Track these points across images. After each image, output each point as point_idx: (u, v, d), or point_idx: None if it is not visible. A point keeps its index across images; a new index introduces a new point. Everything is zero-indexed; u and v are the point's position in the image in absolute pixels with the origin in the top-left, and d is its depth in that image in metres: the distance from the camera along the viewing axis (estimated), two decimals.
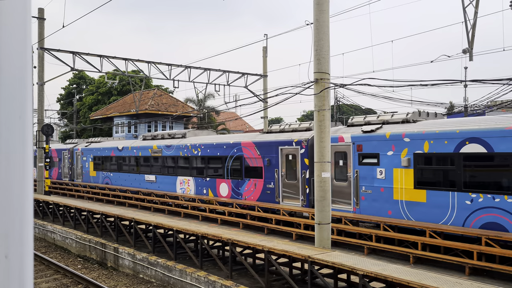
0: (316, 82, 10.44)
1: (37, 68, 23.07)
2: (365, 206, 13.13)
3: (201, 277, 10.29)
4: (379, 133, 12.87)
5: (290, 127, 16.72)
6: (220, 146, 18.24)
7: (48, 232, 18.54)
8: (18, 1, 0.87)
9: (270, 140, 16.28)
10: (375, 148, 12.92)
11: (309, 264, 8.55)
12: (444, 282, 6.91)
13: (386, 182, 12.64)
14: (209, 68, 25.50)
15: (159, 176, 22.01)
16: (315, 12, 10.39)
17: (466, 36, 11.14)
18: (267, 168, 16.22)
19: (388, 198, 12.55)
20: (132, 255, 12.93)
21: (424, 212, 11.77)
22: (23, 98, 0.88)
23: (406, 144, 12.15)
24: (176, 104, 40.85)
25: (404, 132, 12.27)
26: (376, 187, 12.89)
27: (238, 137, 18.68)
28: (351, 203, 13.48)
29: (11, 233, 0.85)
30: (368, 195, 13.06)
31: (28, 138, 0.90)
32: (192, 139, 20.57)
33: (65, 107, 52.46)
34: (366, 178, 13.09)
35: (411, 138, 12.05)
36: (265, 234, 13.84)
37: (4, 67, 0.85)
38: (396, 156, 12.41)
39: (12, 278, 0.85)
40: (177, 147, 20.75)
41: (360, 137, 13.29)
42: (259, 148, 16.55)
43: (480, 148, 10.66)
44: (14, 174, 0.86)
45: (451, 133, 11.25)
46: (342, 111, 41.89)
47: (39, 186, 23.83)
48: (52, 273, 13.46)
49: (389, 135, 12.61)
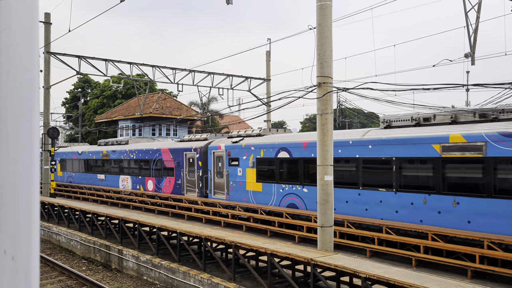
0: (319, 86, 10.54)
1: (43, 72, 23.32)
2: (232, 195, 18.10)
3: (205, 279, 10.37)
4: (240, 144, 17.85)
5: (194, 137, 21.66)
6: (148, 152, 23.12)
7: (53, 234, 18.69)
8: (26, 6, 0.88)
9: (179, 147, 21.05)
10: (237, 154, 17.88)
11: (311, 266, 8.60)
12: (447, 285, 6.94)
13: (243, 178, 17.65)
14: (213, 72, 25.67)
15: (107, 175, 26.97)
16: (318, 17, 10.50)
17: (468, 41, 11.20)
18: (177, 168, 21.07)
19: (243, 189, 17.61)
20: (136, 257, 13.03)
21: (261, 198, 16.85)
22: (31, 101, 0.89)
23: (252, 151, 17.24)
24: (180, 107, 41.05)
25: (252, 143, 17.33)
26: (237, 182, 17.90)
27: (159, 144, 23.12)
28: (225, 193, 18.48)
29: (18, 234, 0.86)
30: (233, 187, 18.06)
31: (35, 141, 0.90)
32: (132, 145, 25.29)
33: (70, 111, 52.82)
34: (232, 175, 18.07)
35: (255, 147, 17.16)
36: (268, 237, 13.91)
37: (13, 71, 0.86)
38: (247, 160, 17.40)
39: (19, 279, 0.86)
40: (119, 152, 25.76)
41: (229, 146, 18.32)
42: (172, 153, 21.34)
43: (286, 154, 15.96)
44: (21, 176, 0.87)
45: (273, 144, 16.44)
46: (344, 115, 41.90)
47: (44, 189, 24.03)
48: (57, 275, 13.58)
49: (244, 145, 17.62)
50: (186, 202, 19.47)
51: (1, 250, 0.84)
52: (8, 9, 0.85)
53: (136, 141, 26.84)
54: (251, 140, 17.49)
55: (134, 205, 22.16)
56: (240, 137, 18.36)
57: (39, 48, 0.96)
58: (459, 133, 11.15)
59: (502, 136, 10.34)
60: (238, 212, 16.73)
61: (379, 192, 12.88)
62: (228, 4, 15.35)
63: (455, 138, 11.16)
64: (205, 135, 21.13)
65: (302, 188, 15.23)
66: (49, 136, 23.32)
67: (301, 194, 15.27)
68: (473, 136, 10.78)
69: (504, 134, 10.31)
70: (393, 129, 13.36)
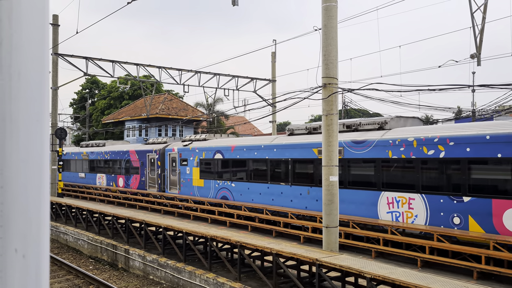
0: (324, 86, 10.57)
1: (51, 73, 23.56)
2: (183, 190, 21.63)
3: (210, 279, 10.44)
4: (188, 147, 21.34)
5: (157, 140, 25.06)
6: (119, 153, 26.58)
7: (61, 234, 18.87)
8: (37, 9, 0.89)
9: (143, 149, 24.49)
10: (187, 155, 21.36)
11: (316, 267, 8.64)
12: (452, 286, 6.94)
13: (190, 176, 21.11)
14: (219, 73, 25.79)
15: (87, 173, 30.53)
16: (323, 18, 10.54)
17: (474, 41, 11.18)
18: (141, 167, 24.52)
19: (191, 185, 21.10)
20: (143, 257, 13.13)
21: (203, 192, 20.22)
22: (41, 102, 0.89)
23: (197, 153, 20.66)
24: (186, 108, 41.21)
25: (197, 147, 20.73)
26: (186, 179, 21.38)
27: (129, 146, 26.78)
28: (177, 188, 22.00)
29: (29, 233, 0.87)
30: (184, 183, 21.58)
31: (45, 141, 0.91)
32: (107, 147, 28.70)
33: (78, 111, 53.22)
34: (183, 173, 21.59)
35: (199, 150, 20.53)
36: (273, 237, 13.96)
37: (23, 72, 0.87)
38: (193, 160, 20.89)
39: (30, 276, 0.87)
40: (97, 153, 29.24)
41: (181, 149, 21.80)
42: (138, 154, 24.81)
43: (220, 155, 19.29)
44: (32, 176, 0.88)
45: (212, 147, 19.81)
46: (350, 116, 41.83)
47: (52, 189, 24.26)
48: (65, 274, 13.72)
49: (191, 148, 21.06)
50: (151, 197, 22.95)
51: (12, 248, 0.85)
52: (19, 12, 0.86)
53: (112, 143, 30.39)
54: (197, 144, 21.02)
55: (140, 205, 22.33)
56: (189, 141, 21.93)
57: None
58: None
59: (353, 143, 13.88)
60: (243, 212, 16.80)
61: (280, 185, 16.32)
62: (234, 5, 15.44)
63: None
64: (165, 139, 24.50)
65: (231, 183, 18.68)
66: (57, 137, 23.55)
67: (230, 188, 18.71)
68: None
69: (354, 141, 13.85)
70: (293, 136, 16.61)
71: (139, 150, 24.71)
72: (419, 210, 12.05)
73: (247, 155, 17.89)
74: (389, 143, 12.88)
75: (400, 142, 12.62)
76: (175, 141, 23.99)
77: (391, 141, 12.84)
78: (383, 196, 12.97)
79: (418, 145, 12.10)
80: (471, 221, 11.05)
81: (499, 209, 10.51)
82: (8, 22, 0.85)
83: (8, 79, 0.85)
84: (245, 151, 18.02)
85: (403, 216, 12.51)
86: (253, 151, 17.52)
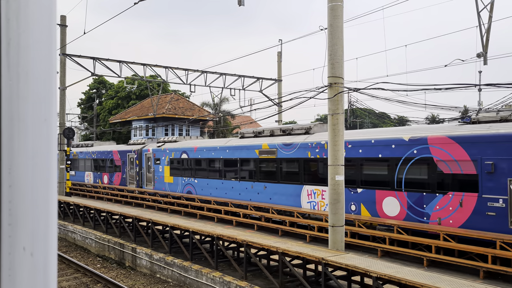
0: (330, 86, 10.57)
1: (59, 74, 23.76)
2: (156, 186, 24.32)
3: (217, 278, 10.49)
4: (161, 148, 24.07)
5: (137, 142, 28.18)
6: (104, 153, 29.40)
7: (69, 232, 19.05)
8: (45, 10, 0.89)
9: (124, 150, 27.36)
10: (160, 155, 24.12)
11: (322, 266, 8.65)
12: (459, 285, 6.92)
13: (162, 173, 23.82)
14: (225, 73, 25.85)
15: (76, 171, 32.97)
16: (329, 18, 10.54)
17: (481, 40, 11.10)
18: (123, 166, 27.20)
19: (163, 181, 23.76)
20: (150, 255, 13.23)
21: (173, 187, 22.93)
22: (49, 102, 0.90)
23: (167, 153, 23.41)
24: (192, 108, 41.35)
25: (168, 147, 23.53)
26: (159, 176, 24.11)
27: (112, 147, 29.52)
28: (152, 184, 24.66)
29: (37, 231, 0.87)
30: (157, 180, 24.28)
31: (53, 141, 0.91)
32: (95, 148, 31.44)
33: (85, 111, 53.61)
34: (157, 171, 24.31)
35: (169, 150, 23.30)
36: (279, 236, 13.98)
37: (32, 72, 0.87)
38: (165, 159, 23.59)
39: (38, 275, 0.87)
40: (85, 153, 31.95)
41: (155, 149, 24.62)
42: (120, 154, 27.56)
43: (186, 155, 21.92)
44: (40, 175, 0.88)
45: (179, 148, 22.60)
46: (356, 115, 41.69)
47: (60, 188, 24.48)
48: (73, 272, 13.86)
49: (163, 149, 23.78)
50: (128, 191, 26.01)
51: (20, 246, 0.86)
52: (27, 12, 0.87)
53: (99, 144, 33.19)
54: (168, 145, 23.68)
55: (147, 204, 22.48)
56: (162, 143, 24.80)
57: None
58: (266, 143, 17.36)
59: (283, 145, 16.54)
60: (249, 210, 16.84)
61: (231, 181, 19.03)
62: (240, 6, 15.47)
63: (264, 146, 17.41)
64: (144, 140, 27.78)
65: (194, 179, 21.39)
66: (65, 136, 23.76)
67: (194, 184, 21.47)
68: (272, 145, 17.08)
69: (284, 144, 16.49)
70: (244, 139, 19.21)
71: (121, 150, 27.54)
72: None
73: (206, 155, 20.63)
74: (308, 146, 15.60)
75: (316, 145, 15.36)
76: (152, 142, 26.86)
77: (309, 143, 15.57)
78: (304, 189, 15.76)
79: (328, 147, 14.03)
80: (362, 207, 13.76)
81: (380, 198, 13.30)
82: (16, 22, 0.86)
83: (16, 79, 0.86)
84: (205, 152, 20.67)
85: (318, 205, 15.31)
86: (211, 152, 20.28)
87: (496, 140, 10.44)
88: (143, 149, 25.66)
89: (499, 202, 10.47)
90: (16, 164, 0.85)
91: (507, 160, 10.35)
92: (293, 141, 16.25)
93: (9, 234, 0.85)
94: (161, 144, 24.44)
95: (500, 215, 10.39)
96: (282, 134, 17.36)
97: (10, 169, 0.85)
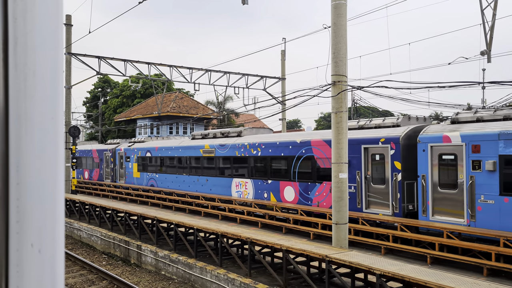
0: (333, 84, 10.60)
1: (65, 72, 23.92)
2: (127, 180, 27.54)
3: (221, 275, 10.57)
4: (131, 147, 27.39)
5: (113, 141, 31.39)
6: (84, 151, 33.05)
7: (74, 230, 19.22)
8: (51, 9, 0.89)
9: (102, 148, 30.80)
10: (130, 154, 27.46)
11: (326, 263, 8.69)
12: (462, 282, 6.94)
13: (131, 170, 27.21)
14: (229, 71, 25.90)
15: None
16: (332, 16, 10.55)
17: (484, 38, 11.06)
18: (100, 163, 30.74)
19: (132, 177, 27.11)
20: (155, 253, 13.33)
21: (140, 182, 26.22)
22: (55, 100, 0.90)
23: (135, 152, 26.82)
24: (196, 106, 41.46)
25: (136, 147, 26.84)
26: (129, 172, 27.44)
27: (92, 146, 33.23)
28: (124, 179, 27.97)
29: (44, 228, 0.88)
30: (127, 175, 27.64)
31: (60, 139, 0.92)
32: (78, 146, 33.04)
33: (90, 110, 53.89)
34: (127, 168, 27.66)
35: (137, 149, 26.67)
36: (283, 234, 14.03)
37: (38, 71, 0.87)
38: (133, 157, 27.03)
39: (45, 271, 0.88)
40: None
41: (126, 149, 27.84)
42: (98, 153, 31.11)
43: (149, 154, 25.35)
44: (47, 172, 0.88)
45: (144, 148, 25.94)
46: (359, 113, 41.59)
47: (66, 185, 24.69)
48: (78, 269, 14.00)
49: (132, 148, 27.17)
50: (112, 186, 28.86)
51: (28, 243, 0.86)
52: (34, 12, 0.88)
53: (82, 143, 37.57)
54: (137, 145, 27.13)
55: (152, 201, 22.61)
56: (133, 143, 28.26)
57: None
58: (208, 144, 20.75)
59: (220, 145, 19.95)
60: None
61: (183, 175, 22.64)
62: (243, 4, 15.50)
63: (206, 146, 20.80)
64: (118, 140, 31.07)
65: (156, 174, 24.88)
66: (70, 135, 23.95)
67: (155, 178, 24.95)
68: (211, 145, 20.47)
69: (220, 144, 19.93)
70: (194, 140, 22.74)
71: (99, 149, 31.09)
72: (250, 189, 18.30)
73: (164, 153, 24.05)
74: (236, 146, 18.99)
75: (241, 145, 18.70)
76: (125, 142, 30.17)
77: (237, 144, 18.96)
78: (234, 181, 19.18)
79: (249, 147, 18.31)
80: (271, 195, 17.29)
81: (282, 187, 16.85)
82: (23, 22, 0.86)
83: (23, 77, 0.87)
84: (164, 151, 24.04)
85: (242, 194, 18.65)
86: (168, 151, 23.72)
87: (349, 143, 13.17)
88: (117, 148, 28.99)
89: (351, 189, 14.06)
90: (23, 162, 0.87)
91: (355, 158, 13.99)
92: (226, 143, 19.66)
93: (17, 231, 0.86)
94: (131, 144, 27.93)
95: (353, 198, 13.96)
96: (221, 136, 21.12)
97: (18, 167, 0.86)
